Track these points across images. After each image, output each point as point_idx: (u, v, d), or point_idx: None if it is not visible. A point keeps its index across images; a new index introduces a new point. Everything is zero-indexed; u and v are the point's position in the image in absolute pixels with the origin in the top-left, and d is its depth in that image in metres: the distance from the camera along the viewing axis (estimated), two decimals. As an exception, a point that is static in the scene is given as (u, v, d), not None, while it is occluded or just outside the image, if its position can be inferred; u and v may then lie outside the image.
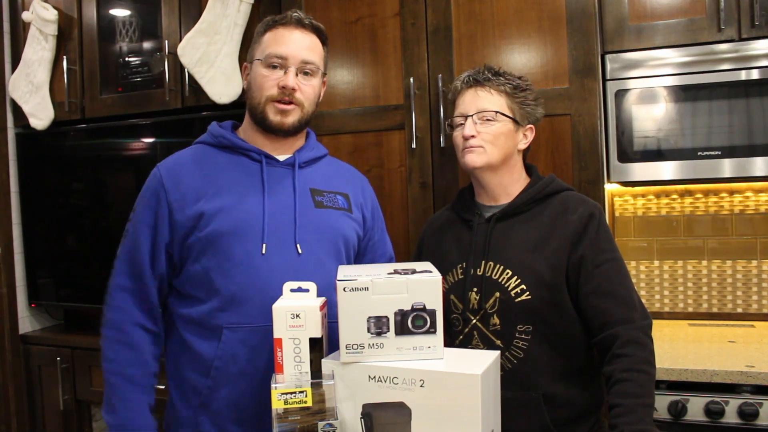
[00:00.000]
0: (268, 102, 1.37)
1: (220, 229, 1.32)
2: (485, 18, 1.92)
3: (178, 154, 1.44)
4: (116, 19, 2.53)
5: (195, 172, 1.37)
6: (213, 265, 1.32)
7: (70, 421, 2.52)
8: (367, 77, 2.05)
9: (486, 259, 1.44)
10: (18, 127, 2.69)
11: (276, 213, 1.36)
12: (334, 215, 1.43)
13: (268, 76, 1.37)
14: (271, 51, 1.36)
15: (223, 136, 1.42)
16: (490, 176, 1.49)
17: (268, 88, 1.36)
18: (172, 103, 2.38)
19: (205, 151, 1.43)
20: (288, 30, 1.38)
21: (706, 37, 1.90)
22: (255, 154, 1.40)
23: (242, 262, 1.32)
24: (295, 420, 1.09)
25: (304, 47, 1.38)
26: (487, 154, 1.45)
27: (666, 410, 1.68)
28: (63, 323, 2.84)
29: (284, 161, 1.43)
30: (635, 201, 2.30)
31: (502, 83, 1.47)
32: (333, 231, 1.42)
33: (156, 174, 1.39)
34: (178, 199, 1.34)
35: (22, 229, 2.68)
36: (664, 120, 1.95)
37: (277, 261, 1.33)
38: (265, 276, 1.31)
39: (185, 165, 1.39)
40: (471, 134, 1.45)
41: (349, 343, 1.12)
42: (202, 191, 1.35)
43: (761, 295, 2.18)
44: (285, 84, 1.35)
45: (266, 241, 1.32)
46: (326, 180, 1.47)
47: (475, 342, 1.44)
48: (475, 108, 1.46)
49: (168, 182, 1.36)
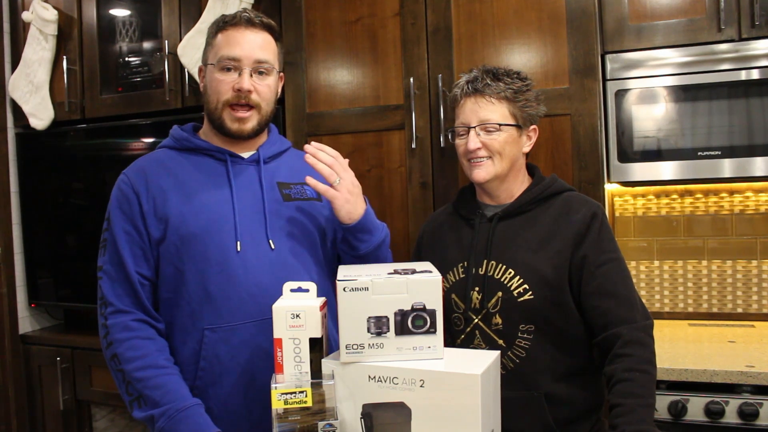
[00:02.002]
0: (224, 107, 1.37)
1: (193, 231, 1.32)
2: (485, 18, 1.92)
3: (144, 159, 1.43)
4: (116, 19, 2.53)
5: (162, 176, 1.37)
6: (189, 267, 1.32)
7: (70, 421, 2.52)
8: (367, 77, 2.05)
9: (488, 258, 1.44)
10: (18, 127, 2.69)
11: (245, 210, 1.36)
12: (304, 206, 1.44)
13: (222, 79, 1.36)
14: (224, 53, 1.35)
15: (186, 139, 1.42)
16: (498, 185, 1.49)
17: (223, 92, 1.36)
18: (172, 103, 2.38)
19: (169, 155, 1.42)
20: (238, 31, 1.37)
21: (706, 37, 1.90)
22: (219, 154, 1.41)
23: (218, 262, 1.32)
24: (295, 420, 1.09)
25: (256, 47, 1.37)
26: (494, 165, 1.45)
27: (666, 410, 1.68)
28: (63, 323, 2.84)
29: (248, 158, 1.43)
30: (635, 201, 2.30)
31: (502, 89, 1.44)
32: (305, 222, 1.43)
33: (125, 179, 1.38)
34: (149, 202, 1.34)
35: (22, 229, 2.68)
36: (664, 120, 1.95)
37: (252, 257, 1.33)
38: (241, 273, 1.31)
39: (152, 169, 1.39)
40: (476, 147, 1.43)
41: (349, 343, 1.12)
42: (170, 194, 1.35)
43: (761, 295, 2.18)
44: (240, 86, 1.35)
45: (239, 239, 1.33)
46: (293, 172, 1.47)
47: (477, 341, 1.44)
48: (477, 119, 1.44)
49: (138, 187, 1.35)
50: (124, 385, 1.28)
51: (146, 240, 1.34)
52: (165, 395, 1.25)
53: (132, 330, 1.31)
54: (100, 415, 2.52)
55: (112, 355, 1.30)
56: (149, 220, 1.34)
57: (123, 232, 1.34)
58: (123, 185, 1.37)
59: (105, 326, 1.32)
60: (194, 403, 1.27)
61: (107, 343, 1.31)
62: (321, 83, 2.11)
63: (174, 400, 1.25)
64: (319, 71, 2.10)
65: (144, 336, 1.31)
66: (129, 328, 1.31)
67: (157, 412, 1.24)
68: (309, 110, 2.11)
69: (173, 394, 1.26)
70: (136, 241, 1.34)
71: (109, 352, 1.31)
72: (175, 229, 1.33)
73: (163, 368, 1.29)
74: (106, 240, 1.37)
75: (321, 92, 2.11)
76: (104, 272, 1.35)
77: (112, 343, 1.30)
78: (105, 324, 1.32)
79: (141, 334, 1.31)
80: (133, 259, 1.33)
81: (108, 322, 1.32)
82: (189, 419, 1.25)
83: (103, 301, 1.34)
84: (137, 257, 1.34)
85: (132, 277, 1.32)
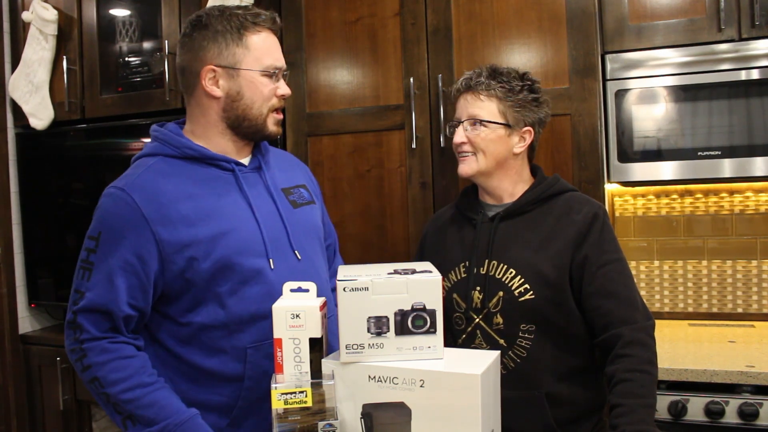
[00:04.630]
0: (269, 112, 1.35)
1: (226, 253, 1.26)
2: (485, 18, 1.92)
3: (144, 174, 1.28)
4: (116, 19, 2.53)
5: (174, 194, 1.26)
6: (225, 289, 1.27)
7: (70, 421, 2.52)
8: (367, 77, 2.05)
9: (489, 258, 1.44)
10: (18, 127, 2.68)
11: (267, 223, 1.33)
12: (307, 210, 1.44)
13: (269, 85, 1.34)
14: (272, 63, 1.33)
15: (188, 147, 1.31)
16: (486, 180, 1.50)
17: (269, 98, 1.35)
18: (172, 103, 2.38)
19: (170, 165, 1.30)
20: (270, 36, 1.35)
21: (706, 37, 1.90)
22: (225, 164, 1.34)
23: (257, 281, 1.29)
24: (295, 420, 1.09)
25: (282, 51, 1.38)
26: (477, 161, 1.46)
27: (666, 410, 1.68)
28: (63, 323, 2.83)
29: (250, 166, 1.38)
30: (635, 201, 2.30)
31: (493, 87, 1.45)
32: (313, 228, 1.43)
33: (126, 199, 1.23)
34: (167, 231, 1.23)
35: (22, 229, 2.68)
36: (664, 120, 1.95)
37: (284, 271, 1.32)
38: (278, 289, 1.26)
39: (159, 186, 1.26)
40: (461, 140, 1.47)
41: (349, 343, 1.12)
42: (188, 215, 1.25)
43: (761, 295, 2.18)
44: (284, 94, 1.36)
45: (270, 256, 1.31)
46: (286, 176, 1.45)
47: (478, 341, 1.44)
48: (466, 114, 1.47)
49: (147, 209, 1.23)
50: (110, 406, 1.23)
51: (150, 270, 1.24)
52: (160, 412, 1.21)
53: (110, 352, 1.23)
54: (100, 415, 2.52)
55: (91, 378, 1.23)
56: (168, 248, 1.23)
57: (122, 261, 1.22)
58: (123, 206, 1.23)
59: (80, 350, 1.24)
60: (192, 415, 1.23)
61: (83, 366, 1.23)
62: (321, 83, 2.11)
63: (170, 415, 1.21)
64: (319, 71, 2.10)
65: (124, 355, 1.24)
66: (107, 351, 1.23)
67: (154, 430, 1.20)
68: (309, 110, 2.11)
69: (168, 409, 1.22)
70: (135, 272, 1.23)
71: (87, 375, 1.23)
72: (206, 255, 1.25)
73: (150, 385, 1.23)
74: (92, 264, 1.23)
75: (321, 92, 2.11)
76: (87, 301, 1.23)
77: (91, 367, 1.23)
78: (80, 348, 1.24)
79: (121, 353, 1.23)
80: (128, 292, 1.23)
81: (84, 346, 1.24)
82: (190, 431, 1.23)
83: (77, 326, 1.24)
84: (133, 288, 1.23)
85: (119, 313, 1.23)
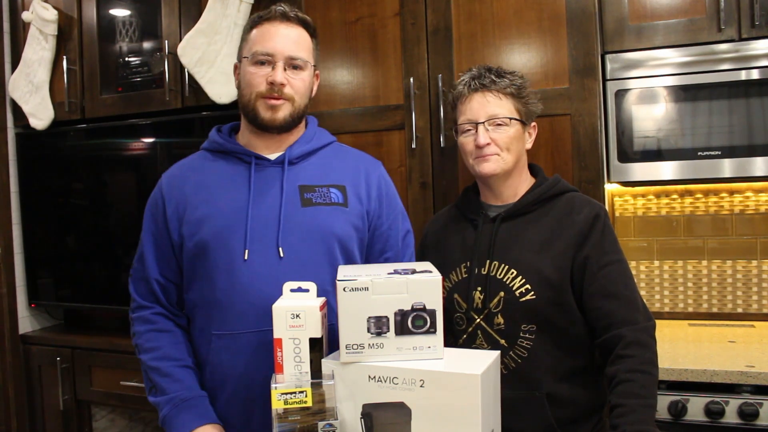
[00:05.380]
0: (257, 98, 1.35)
1: (205, 238, 1.34)
2: (485, 18, 1.92)
3: (180, 163, 1.47)
4: (116, 19, 2.53)
5: (189, 181, 1.40)
6: (201, 272, 1.35)
7: (70, 421, 2.52)
8: (367, 77, 2.05)
9: (491, 258, 1.44)
10: (18, 127, 2.69)
11: (260, 216, 1.34)
12: (324, 212, 1.36)
13: (255, 72, 1.35)
14: (258, 48, 1.34)
15: (215, 141, 1.43)
16: (503, 181, 1.49)
17: (256, 85, 1.35)
18: (172, 103, 2.38)
19: (203, 157, 1.44)
20: (273, 25, 1.36)
21: (706, 37, 1.90)
22: (245, 156, 1.39)
23: (225, 269, 1.32)
24: (295, 420, 1.09)
25: (290, 42, 1.35)
26: (504, 160, 1.45)
27: (666, 410, 1.68)
28: (63, 323, 2.84)
29: (275, 160, 1.39)
30: (635, 201, 2.30)
31: (507, 85, 1.45)
32: (322, 230, 1.35)
33: (159, 183, 1.44)
34: (171, 207, 1.38)
35: (22, 229, 2.68)
36: (664, 120, 1.95)
37: (258, 266, 1.31)
38: (246, 282, 1.30)
39: (182, 174, 1.43)
40: (486, 142, 1.43)
41: (349, 343, 1.12)
42: (191, 200, 1.37)
43: (761, 295, 2.18)
44: (273, 79, 1.33)
45: (248, 247, 1.31)
46: (322, 173, 1.41)
47: (479, 341, 1.44)
48: (485, 114, 1.44)
49: (167, 192, 1.40)
50: (144, 373, 1.37)
51: (169, 243, 1.39)
52: (172, 384, 1.31)
53: (151, 323, 1.39)
54: (100, 415, 2.52)
55: (135, 344, 1.40)
56: (171, 225, 1.38)
57: (150, 234, 1.41)
58: (156, 189, 1.43)
59: (132, 319, 1.42)
60: (199, 395, 1.31)
61: (132, 332, 1.42)
62: (321, 83, 2.10)
63: (180, 389, 1.31)
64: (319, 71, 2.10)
65: (162, 329, 1.38)
66: (148, 321, 1.39)
67: (163, 400, 1.30)
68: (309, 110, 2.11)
69: (180, 383, 1.32)
70: (160, 244, 1.40)
71: (133, 341, 1.41)
72: (190, 235, 1.35)
73: (175, 360, 1.34)
74: (140, 240, 1.44)
75: (321, 92, 2.10)
76: (133, 270, 1.44)
77: (135, 334, 1.41)
78: (131, 318, 1.42)
79: (159, 326, 1.39)
80: (155, 261, 1.40)
81: (132, 315, 1.42)
82: (191, 409, 1.28)
83: (131, 297, 1.43)
84: (160, 259, 1.40)
85: (151, 278, 1.39)
